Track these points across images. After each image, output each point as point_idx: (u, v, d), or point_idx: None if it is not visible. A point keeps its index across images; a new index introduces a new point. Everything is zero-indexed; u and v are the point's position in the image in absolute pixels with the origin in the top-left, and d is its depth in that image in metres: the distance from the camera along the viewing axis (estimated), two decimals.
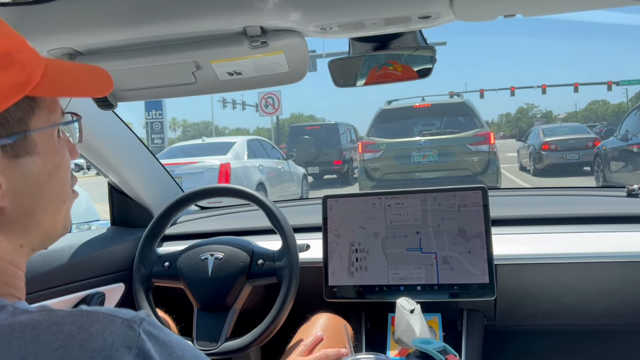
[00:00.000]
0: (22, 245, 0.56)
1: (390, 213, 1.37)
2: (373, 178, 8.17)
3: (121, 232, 1.63)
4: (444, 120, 8.40)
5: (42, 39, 1.00)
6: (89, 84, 0.61)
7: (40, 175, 0.55)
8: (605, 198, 1.66)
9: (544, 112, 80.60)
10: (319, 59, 21.30)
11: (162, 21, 0.95)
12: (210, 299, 1.31)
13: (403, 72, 1.10)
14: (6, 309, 0.49)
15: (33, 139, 0.53)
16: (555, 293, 1.37)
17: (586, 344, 1.57)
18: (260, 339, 1.25)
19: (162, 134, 18.76)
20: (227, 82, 1.13)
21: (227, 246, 1.35)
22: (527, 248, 1.34)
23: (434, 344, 1.01)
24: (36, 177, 0.54)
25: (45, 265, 1.32)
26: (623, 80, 32.48)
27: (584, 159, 12.05)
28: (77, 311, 0.49)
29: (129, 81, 1.13)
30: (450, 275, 1.30)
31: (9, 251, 0.54)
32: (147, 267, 1.38)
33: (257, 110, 23.51)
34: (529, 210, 1.52)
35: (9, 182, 0.52)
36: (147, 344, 0.49)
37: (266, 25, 0.96)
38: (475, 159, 7.77)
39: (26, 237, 0.56)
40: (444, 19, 0.94)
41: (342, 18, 0.93)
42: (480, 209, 1.31)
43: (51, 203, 0.57)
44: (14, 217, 0.53)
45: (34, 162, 0.54)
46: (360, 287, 1.35)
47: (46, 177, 0.55)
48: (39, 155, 0.54)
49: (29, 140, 0.53)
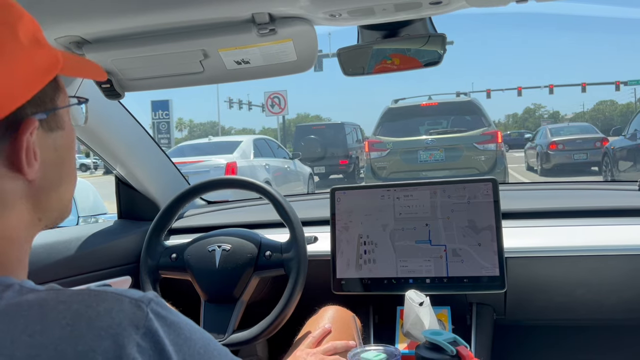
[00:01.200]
0: (40, 219, 0.58)
1: (399, 205, 1.36)
2: (379, 177, 8.15)
3: (128, 225, 1.63)
4: (450, 119, 8.38)
5: (49, 27, 1.00)
6: (92, 68, 0.66)
7: (64, 149, 0.60)
8: (616, 192, 1.64)
9: (551, 112, 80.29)
10: (325, 59, 21.31)
11: (170, 8, 0.94)
12: (218, 290, 1.31)
13: (412, 61, 1.09)
14: (13, 287, 0.48)
15: (61, 115, 0.59)
16: (566, 286, 1.36)
17: (597, 340, 1.55)
18: (267, 331, 1.24)
19: (168, 134, 18.83)
20: (235, 72, 1.12)
21: (234, 237, 1.34)
22: (538, 241, 1.33)
23: (444, 335, 0.99)
24: (62, 152, 0.59)
25: (52, 257, 1.32)
26: (631, 80, 32.29)
27: (592, 158, 11.99)
28: (85, 290, 0.49)
29: (136, 70, 1.12)
30: (460, 267, 1.28)
31: (26, 224, 0.56)
32: (154, 258, 1.38)
33: (263, 110, 23.54)
34: (539, 203, 1.51)
35: (42, 155, 0.56)
36: (155, 324, 0.48)
37: (274, 12, 0.95)
38: (482, 158, 7.73)
39: (46, 212, 0.58)
40: (456, 5, 0.92)
41: (352, 4, 0.91)
42: (490, 201, 1.30)
43: (70, 177, 0.62)
44: (42, 189, 0.56)
45: (62, 137, 0.59)
46: (369, 280, 1.34)
47: (67, 152, 0.60)
48: (64, 130, 0.59)
49: (57, 116, 0.58)
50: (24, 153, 0.53)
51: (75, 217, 1.91)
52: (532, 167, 14.23)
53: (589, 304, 1.39)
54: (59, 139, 0.58)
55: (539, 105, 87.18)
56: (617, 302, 1.37)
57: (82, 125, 0.70)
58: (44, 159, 0.56)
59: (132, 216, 1.69)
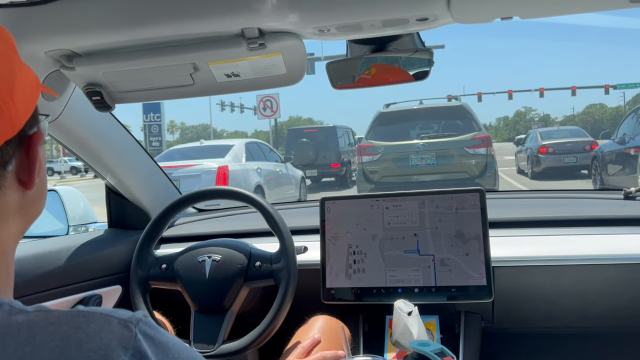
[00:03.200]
0: (23, 231, 0.58)
1: (387, 215, 1.37)
2: (371, 181, 8.18)
3: (118, 234, 1.63)
4: (442, 123, 8.41)
5: (40, 40, 1.00)
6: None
7: (45, 160, 0.60)
8: (603, 201, 1.66)
9: (541, 116, 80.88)
10: (317, 62, 21.32)
11: (160, 23, 0.95)
12: (208, 301, 1.31)
13: (400, 75, 1.10)
14: (3, 308, 0.49)
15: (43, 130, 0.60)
16: (552, 295, 1.37)
17: (584, 347, 1.57)
18: (257, 341, 1.25)
19: (160, 137, 18.77)
20: (224, 84, 1.13)
21: (224, 248, 1.35)
22: (525, 250, 1.34)
23: (431, 346, 1.01)
24: (45, 162, 0.60)
25: (42, 267, 1.31)
26: (620, 84, 32.66)
27: (582, 162, 12.09)
28: (74, 311, 0.49)
29: (127, 83, 1.13)
30: (448, 277, 1.30)
31: (15, 236, 0.56)
32: (144, 269, 1.38)
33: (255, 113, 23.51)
34: (526, 212, 1.53)
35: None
36: (143, 345, 0.48)
37: (264, 27, 0.96)
38: (473, 162, 7.78)
39: (30, 222, 0.59)
40: (442, 22, 0.94)
41: (340, 20, 0.93)
42: (477, 211, 1.32)
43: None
44: (32, 201, 0.58)
45: (45, 149, 0.60)
46: (358, 289, 1.35)
47: (46, 163, 0.61)
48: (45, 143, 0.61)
49: (42, 129, 0.59)
50: (37, 165, 0.55)
51: (66, 226, 1.90)
52: (523, 170, 14.32)
53: (576, 312, 1.40)
54: (45, 151, 0.60)
55: (529, 108, 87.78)
56: (603, 310, 1.39)
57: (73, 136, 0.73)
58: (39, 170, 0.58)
59: (122, 225, 1.68)
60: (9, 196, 0.54)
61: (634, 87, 33.08)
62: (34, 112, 0.56)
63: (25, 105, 0.54)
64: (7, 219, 0.54)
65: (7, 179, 0.53)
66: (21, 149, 0.55)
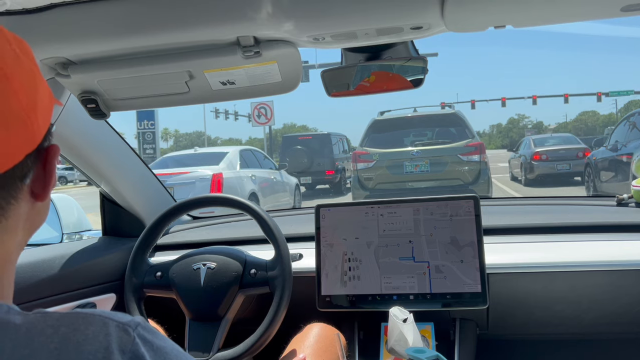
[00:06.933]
0: (26, 241, 0.58)
1: (382, 222, 1.37)
2: (366, 188, 8.19)
3: (113, 242, 1.62)
4: (435, 130, 8.45)
5: (36, 48, 1.00)
6: None
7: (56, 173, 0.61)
8: (596, 207, 1.67)
9: (534, 123, 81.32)
10: (312, 70, 21.38)
11: (156, 31, 0.96)
12: (203, 309, 1.31)
13: (394, 83, 1.11)
14: (2, 308, 0.49)
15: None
16: (546, 301, 1.38)
17: (579, 353, 1.57)
18: (252, 349, 1.24)
19: (154, 144, 18.74)
20: (220, 92, 1.13)
21: (219, 256, 1.35)
22: (519, 257, 1.35)
23: (427, 352, 1.01)
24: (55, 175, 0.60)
25: (36, 275, 1.31)
26: (612, 91, 32.95)
27: (575, 169, 12.16)
28: (73, 313, 0.49)
29: (122, 90, 1.13)
30: (443, 284, 1.30)
31: (19, 245, 0.56)
32: (138, 277, 1.37)
33: (249, 121, 23.51)
34: (520, 219, 1.53)
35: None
36: (141, 349, 0.48)
37: (259, 35, 0.97)
38: (466, 169, 7.81)
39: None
40: (436, 30, 0.95)
41: (335, 28, 0.93)
42: (472, 217, 1.32)
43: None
44: (39, 211, 0.58)
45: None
46: (353, 296, 1.35)
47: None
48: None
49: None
50: (53, 179, 0.56)
51: (60, 234, 1.89)
52: (517, 177, 14.38)
53: (570, 318, 1.41)
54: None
55: (522, 115, 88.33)
56: (597, 317, 1.39)
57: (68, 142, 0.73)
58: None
59: (116, 233, 1.68)
60: (22, 208, 0.54)
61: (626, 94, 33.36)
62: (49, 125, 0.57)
63: (45, 118, 0.54)
64: (16, 230, 0.54)
65: (23, 192, 0.54)
66: (38, 162, 0.55)
